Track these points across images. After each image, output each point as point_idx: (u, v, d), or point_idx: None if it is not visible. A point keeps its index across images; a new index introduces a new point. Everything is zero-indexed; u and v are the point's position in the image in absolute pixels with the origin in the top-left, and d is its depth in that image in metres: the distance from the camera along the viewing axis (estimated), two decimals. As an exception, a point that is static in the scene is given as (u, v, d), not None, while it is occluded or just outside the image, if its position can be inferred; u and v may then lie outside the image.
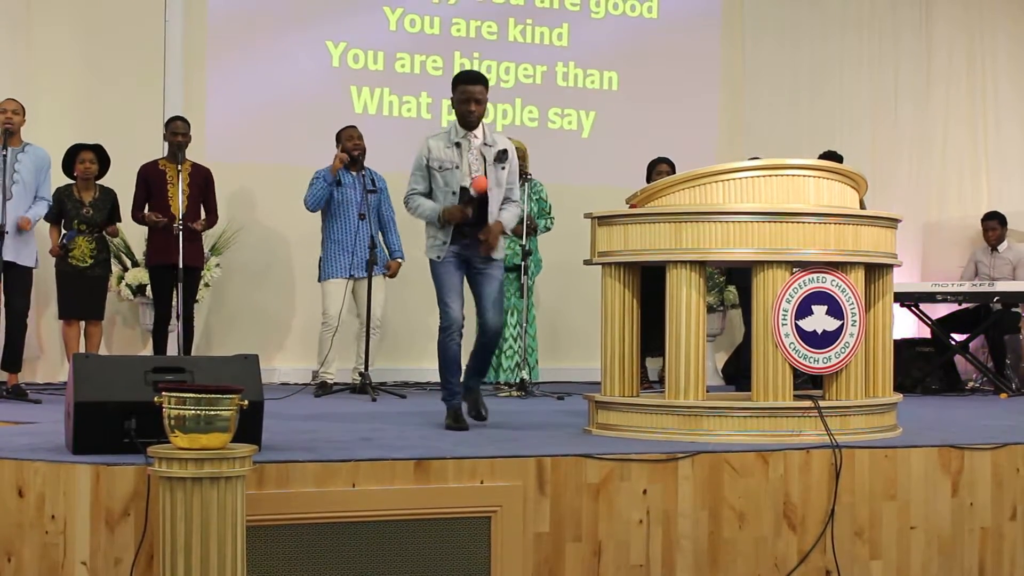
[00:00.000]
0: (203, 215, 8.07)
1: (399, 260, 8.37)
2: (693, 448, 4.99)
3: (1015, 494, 5.34)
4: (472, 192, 5.75)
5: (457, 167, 5.82)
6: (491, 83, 9.62)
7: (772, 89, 10.74)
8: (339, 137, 8.26)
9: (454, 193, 5.80)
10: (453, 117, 5.98)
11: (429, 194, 5.89)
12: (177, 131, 7.92)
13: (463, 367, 5.95)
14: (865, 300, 5.55)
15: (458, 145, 5.85)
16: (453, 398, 5.90)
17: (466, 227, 5.80)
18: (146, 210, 7.90)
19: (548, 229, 8.50)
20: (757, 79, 10.71)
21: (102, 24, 8.89)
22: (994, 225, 10.07)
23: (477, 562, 4.58)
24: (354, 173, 8.16)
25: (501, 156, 5.90)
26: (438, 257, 5.84)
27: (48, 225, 7.87)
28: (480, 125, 5.90)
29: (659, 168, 8.74)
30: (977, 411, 7.38)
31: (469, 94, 5.83)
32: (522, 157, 8.24)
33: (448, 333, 5.83)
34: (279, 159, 9.14)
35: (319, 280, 8.30)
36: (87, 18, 8.87)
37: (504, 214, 5.91)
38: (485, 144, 5.89)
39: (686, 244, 5.34)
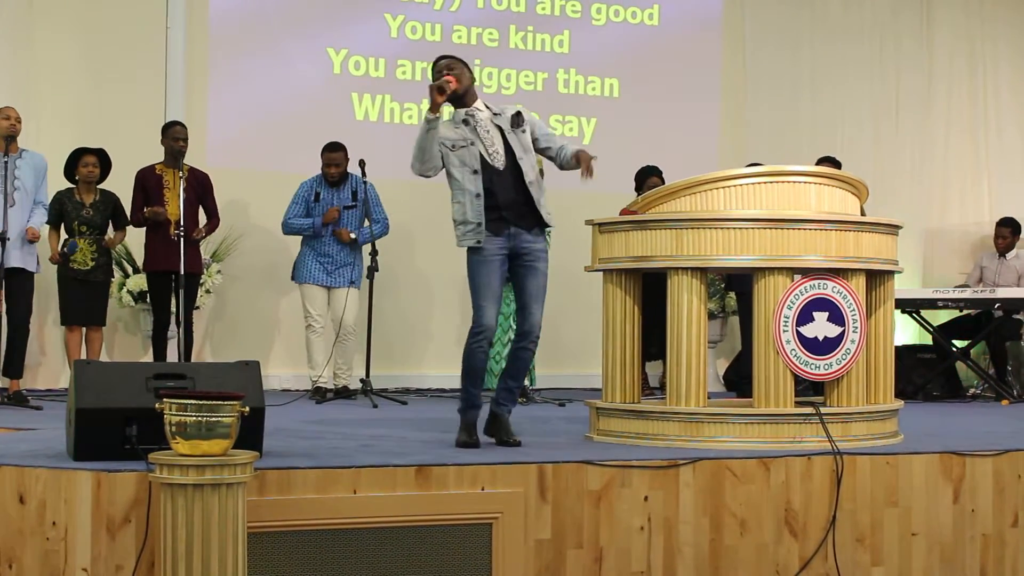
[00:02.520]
0: (202, 221, 8.07)
1: (353, 236, 8.16)
2: (694, 455, 4.99)
3: (1017, 501, 5.34)
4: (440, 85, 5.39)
5: (472, 143, 5.41)
6: (492, 90, 9.81)
7: (773, 96, 10.75)
8: (322, 156, 8.28)
9: (474, 172, 5.37)
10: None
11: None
12: (178, 136, 7.91)
13: (485, 378, 5.53)
14: (866, 307, 5.55)
15: (466, 123, 5.47)
16: (469, 411, 5.41)
17: (508, 212, 5.38)
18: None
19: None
20: (758, 86, 10.72)
21: (103, 30, 8.90)
22: (1006, 233, 9.97)
23: (478, 569, 4.58)
24: (333, 189, 8.22)
25: (516, 120, 5.50)
26: (477, 242, 5.34)
27: (47, 229, 7.88)
28: (478, 99, 5.54)
29: (651, 180, 8.71)
30: (978, 418, 7.37)
31: (440, 68, 5.48)
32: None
33: (478, 339, 5.33)
34: (280, 166, 9.14)
35: (293, 279, 8.37)
36: (88, 24, 8.88)
37: (570, 149, 5.54)
38: (494, 115, 5.51)
39: (687, 251, 5.34)
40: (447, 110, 5.47)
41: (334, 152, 8.25)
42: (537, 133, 5.58)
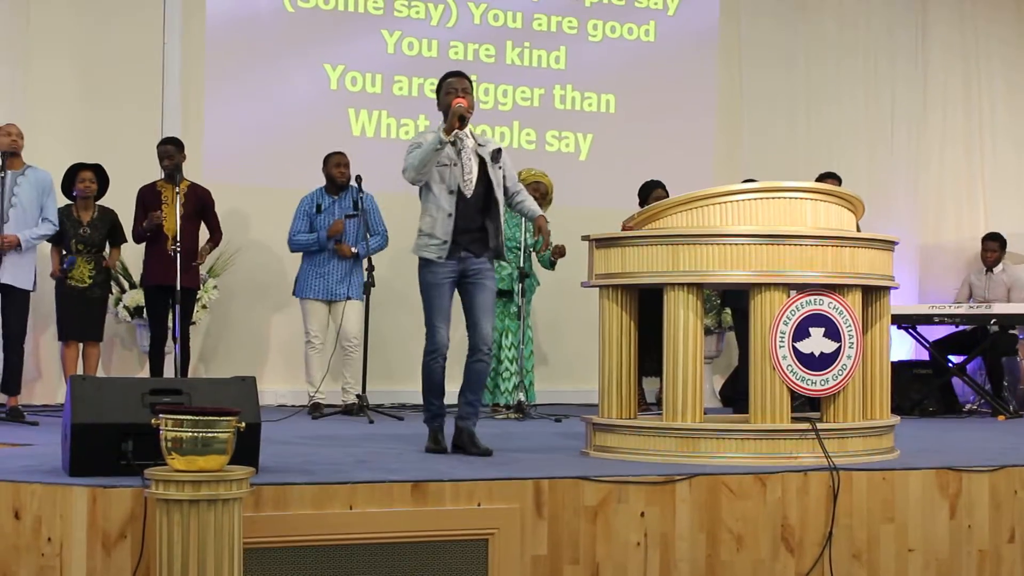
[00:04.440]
0: (202, 238, 8.08)
1: (354, 251, 8.15)
2: (691, 470, 4.99)
3: (1013, 516, 5.34)
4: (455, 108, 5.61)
5: (456, 164, 5.68)
6: (489, 106, 9.84)
7: (769, 113, 10.76)
8: (326, 162, 8.29)
9: (451, 192, 5.66)
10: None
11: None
12: (161, 156, 7.95)
13: (445, 389, 5.78)
14: (862, 322, 5.56)
15: (453, 144, 5.70)
16: (435, 420, 5.77)
17: (463, 238, 5.67)
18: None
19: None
20: (754, 103, 10.74)
21: (101, 46, 8.91)
22: (994, 247, 10.04)
23: (474, 585, 4.57)
24: (334, 197, 8.22)
25: (496, 156, 5.79)
26: (439, 257, 5.66)
27: (49, 247, 7.87)
28: (468, 127, 5.75)
29: (656, 193, 8.74)
30: (975, 433, 7.37)
31: (456, 86, 5.75)
32: (543, 193, 8.33)
33: (434, 356, 5.70)
34: (277, 181, 9.15)
35: (295, 295, 8.35)
36: (86, 40, 8.88)
37: (531, 205, 5.89)
38: (479, 145, 5.80)
39: (684, 267, 5.35)
40: (435, 138, 5.68)
41: (341, 155, 8.31)
42: (508, 176, 5.87)
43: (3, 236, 7.27)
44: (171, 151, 7.94)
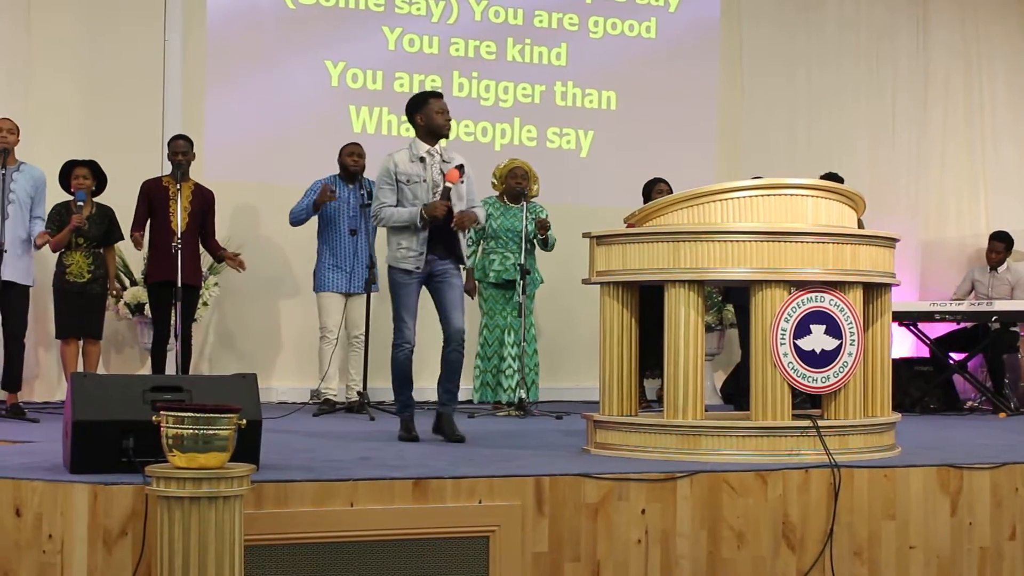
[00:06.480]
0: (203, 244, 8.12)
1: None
2: (692, 468, 4.99)
3: (1014, 513, 5.34)
4: (447, 184, 6.05)
5: (424, 180, 6.10)
6: (490, 103, 9.85)
7: (771, 108, 10.75)
8: (341, 151, 8.32)
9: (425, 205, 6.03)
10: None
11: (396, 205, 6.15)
12: (176, 150, 7.95)
13: (413, 381, 6.19)
14: (863, 319, 5.56)
15: (422, 160, 6.13)
16: (405, 410, 6.20)
17: (432, 241, 6.07)
18: (147, 227, 7.93)
19: (555, 241, 8.42)
20: (756, 98, 10.72)
21: (102, 44, 8.91)
22: (999, 247, 10.03)
23: (475, 582, 4.57)
24: (350, 186, 8.23)
25: (460, 171, 6.16)
26: (416, 268, 6.05)
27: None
28: (438, 143, 6.22)
29: (659, 187, 8.73)
30: (976, 430, 7.37)
31: (444, 106, 6.16)
32: (522, 176, 8.33)
33: (401, 349, 6.11)
34: (278, 178, 9.15)
35: (314, 290, 8.34)
36: (87, 38, 8.89)
37: (477, 209, 6.24)
38: (444, 160, 6.17)
39: (684, 263, 5.34)
40: (404, 156, 6.18)
41: (356, 145, 8.41)
42: (469, 190, 6.26)
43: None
44: (186, 146, 7.96)
